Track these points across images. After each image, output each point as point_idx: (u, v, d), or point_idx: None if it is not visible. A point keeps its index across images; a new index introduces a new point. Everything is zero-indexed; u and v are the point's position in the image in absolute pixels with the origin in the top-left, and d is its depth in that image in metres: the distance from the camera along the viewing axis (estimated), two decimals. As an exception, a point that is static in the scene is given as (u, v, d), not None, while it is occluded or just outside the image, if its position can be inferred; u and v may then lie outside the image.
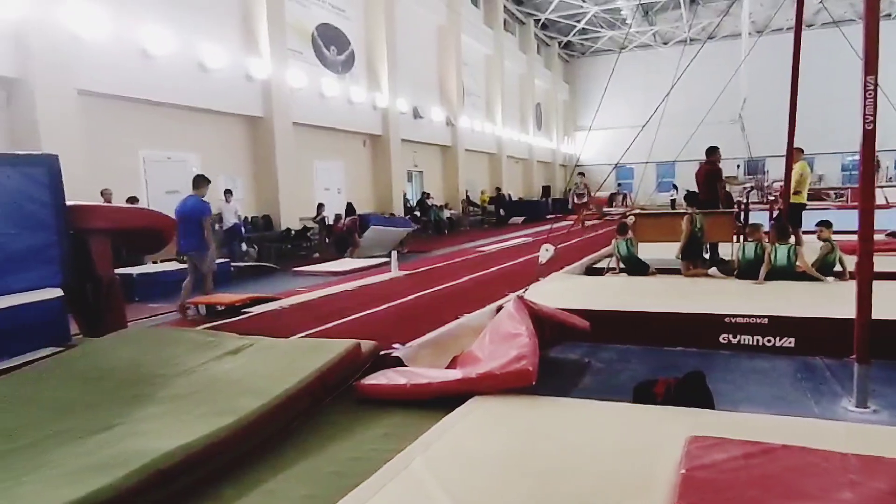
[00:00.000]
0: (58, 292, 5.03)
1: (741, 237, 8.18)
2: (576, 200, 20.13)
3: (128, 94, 11.02)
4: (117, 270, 6.43)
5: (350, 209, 14.76)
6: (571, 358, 5.19)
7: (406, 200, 20.46)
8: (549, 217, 23.85)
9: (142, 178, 11.75)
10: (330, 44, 17.00)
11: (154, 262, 10.22)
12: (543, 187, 32.96)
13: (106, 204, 8.92)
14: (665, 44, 34.93)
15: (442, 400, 3.64)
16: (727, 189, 10.25)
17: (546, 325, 4.66)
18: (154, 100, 11.54)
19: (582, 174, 20.72)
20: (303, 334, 5.45)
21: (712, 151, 8.97)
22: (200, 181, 7.74)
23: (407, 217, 18.82)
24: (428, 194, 21.73)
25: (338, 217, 14.86)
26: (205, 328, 5.64)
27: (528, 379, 3.56)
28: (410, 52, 20.87)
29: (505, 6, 28.65)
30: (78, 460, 2.78)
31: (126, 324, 5.83)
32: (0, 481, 2.61)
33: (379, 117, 18.93)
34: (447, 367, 4.51)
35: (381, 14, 18.74)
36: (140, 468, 2.66)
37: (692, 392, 3.44)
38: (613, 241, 8.22)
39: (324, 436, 3.48)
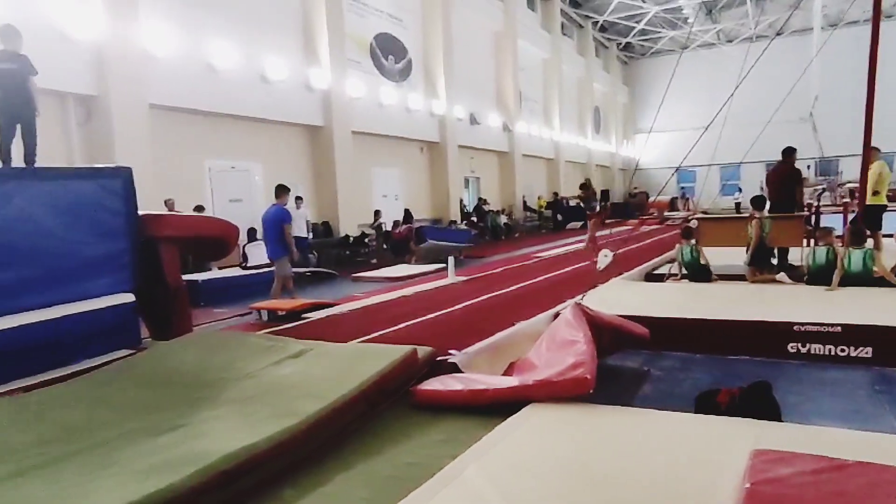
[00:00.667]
0: (130, 297, 5.28)
1: (812, 241, 7.82)
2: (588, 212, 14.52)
3: (194, 107, 11.52)
4: (184, 277, 6.70)
5: (408, 216, 14.93)
6: (630, 366, 5.07)
7: (463, 206, 20.52)
8: (607, 222, 23.39)
9: (207, 187, 12.23)
10: (388, 53, 17.26)
11: (220, 269, 10.58)
12: (602, 191, 32.40)
13: (174, 213, 9.31)
14: (730, 42, 33.77)
15: (498, 407, 3.62)
16: None
17: (604, 332, 4.57)
18: (219, 111, 12.01)
19: (585, 185, 15.27)
20: (361, 339, 5.53)
21: (790, 153, 8.57)
22: (281, 190, 8.17)
23: (464, 223, 18.87)
24: (485, 200, 21.72)
25: (396, 223, 15.10)
26: (266, 333, 5.80)
27: (586, 387, 3.50)
28: (467, 59, 20.97)
29: (562, 10, 28.41)
30: (145, 459, 2.91)
31: (192, 328, 6.06)
32: (74, 477, 2.75)
33: (436, 124, 19.08)
34: (504, 374, 4.49)
35: (438, 22, 18.92)
36: (204, 468, 2.75)
37: (757, 403, 3.29)
38: (677, 245, 7.97)
39: (381, 440, 3.51)
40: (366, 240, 15.01)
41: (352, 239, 14.61)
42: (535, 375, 3.86)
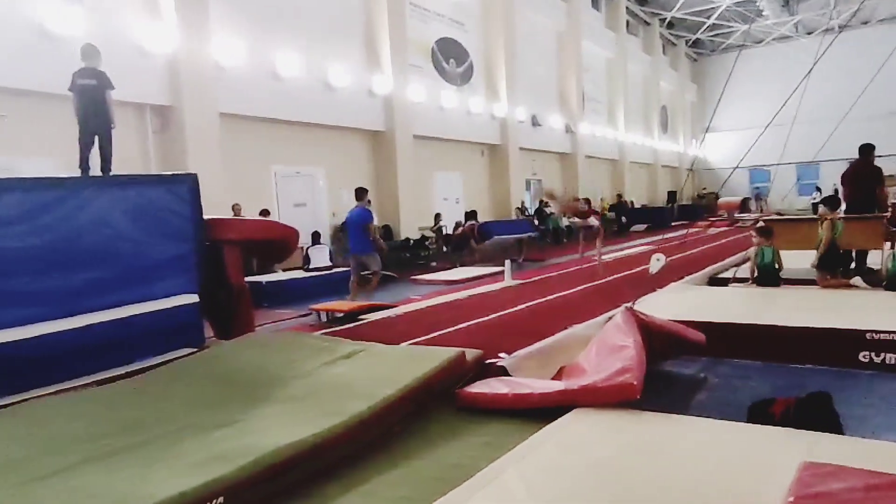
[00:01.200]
0: (194, 298, 5.54)
1: (893, 244, 7.34)
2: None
3: (262, 115, 11.95)
4: (248, 278, 6.97)
5: (472, 215, 15.12)
6: (686, 373, 4.93)
7: (524, 209, 20.40)
8: (674, 224, 22.70)
9: (273, 191, 12.66)
10: (449, 57, 17.39)
11: (283, 271, 10.92)
12: (669, 193, 31.47)
13: (237, 217, 9.68)
14: (809, 34, 31.99)
15: (545, 411, 3.60)
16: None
17: (657, 338, 4.47)
18: (285, 118, 12.41)
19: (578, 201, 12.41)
20: (412, 341, 5.59)
21: (868, 149, 8.09)
22: (361, 193, 8.69)
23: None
24: (546, 202, 21.50)
25: (458, 224, 15.42)
26: (322, 334, 5.95)
27: (632, 393, 3.44)
28: (529, 61, 20.86)
29: (628, 7, 27.80)
30: (201, 452, 3.05)
31: (254, 328, 6.29)
32: (134, 468, 2.93)
33: (497, 127, 19.04)
34: (553, 378, 4.46)
35: (500, 25, 18.90)
36: (252, 462, 2.88)
37: (815, 414, 3.14)
38: (753, 247, 7.46)
39: (426, 441, 3.56)
40: (426, 242, 15.16)
41: (412, 242, 14.79)
42: (583, 380, 3.82)
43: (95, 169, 5.71)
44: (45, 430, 3.44)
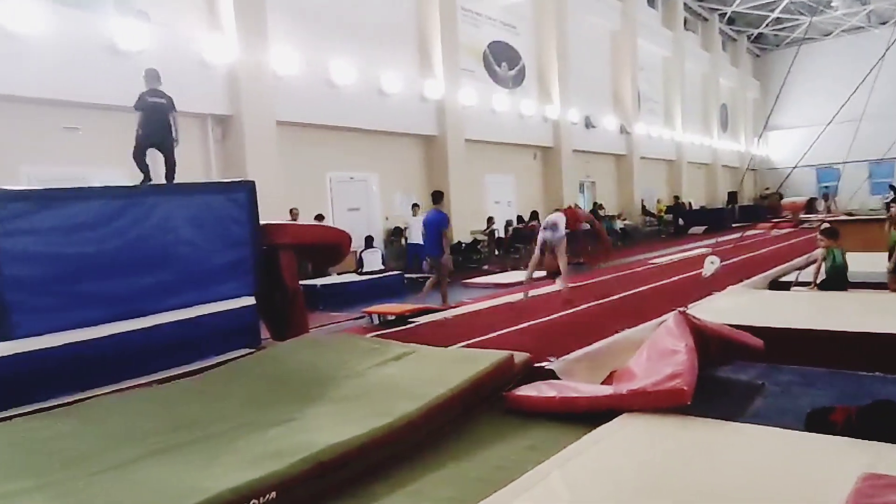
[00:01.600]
0: (251, 300, 5.74)
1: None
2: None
3: (317, 122, 12.23)
4: (303, 282, 7.14)
5: (534, 215, 15.22)
6: (743, 379, 4.76)
7: (578, 212, 20.17)
8: (734, 226, 21.95)
9: (328, 197, 12.93)
10: (501, 60, 17.38)
11: (338, 274, 11.13)
12: (729, 194, 30.44)
13: (292, 222, 9.94)
14: (883, 23, 30.29)
15: (592, 415, 3.56)
16: None
17: (711, 343, 4.35)
18: (339, 125, 12.66)
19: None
20: (461, 344, 5.62)
21: None
22: (438, 196, 9.02)
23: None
24: (600, 205, 21.18)
25: (508, 222, 16.01)
26: (373, 336, 6.06)
27: (682, 398, 3.37)
28: (582, 62, 20.62)
29: (685, 4, 27.08)
30: (255, 449, 3.17)
31: (308, 329, 6.45)
32: (192, 463, 3.06)
33: (550, 129, 18.89)
34: (603, 383, 4.42)
35: (552, 26, 18.77)
36: (302, 459, 2.96)
37: (880, 423, 2.99)
38: (821, 248, 6.91)
39: (472, 443, 3.59)
40: (478, 246, 15.17)
41: (464, 245, 14.82)
42: (632, 385, 3.77)
43: (158, 178, 5.98)
44: (101, 428, 3.62)
